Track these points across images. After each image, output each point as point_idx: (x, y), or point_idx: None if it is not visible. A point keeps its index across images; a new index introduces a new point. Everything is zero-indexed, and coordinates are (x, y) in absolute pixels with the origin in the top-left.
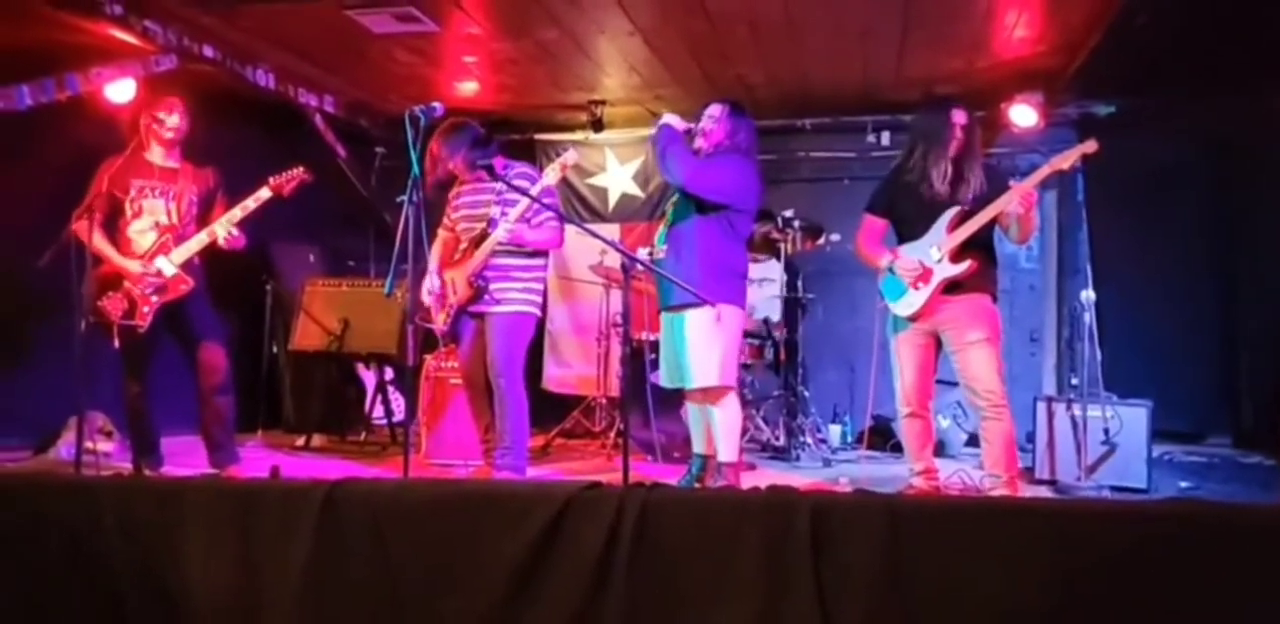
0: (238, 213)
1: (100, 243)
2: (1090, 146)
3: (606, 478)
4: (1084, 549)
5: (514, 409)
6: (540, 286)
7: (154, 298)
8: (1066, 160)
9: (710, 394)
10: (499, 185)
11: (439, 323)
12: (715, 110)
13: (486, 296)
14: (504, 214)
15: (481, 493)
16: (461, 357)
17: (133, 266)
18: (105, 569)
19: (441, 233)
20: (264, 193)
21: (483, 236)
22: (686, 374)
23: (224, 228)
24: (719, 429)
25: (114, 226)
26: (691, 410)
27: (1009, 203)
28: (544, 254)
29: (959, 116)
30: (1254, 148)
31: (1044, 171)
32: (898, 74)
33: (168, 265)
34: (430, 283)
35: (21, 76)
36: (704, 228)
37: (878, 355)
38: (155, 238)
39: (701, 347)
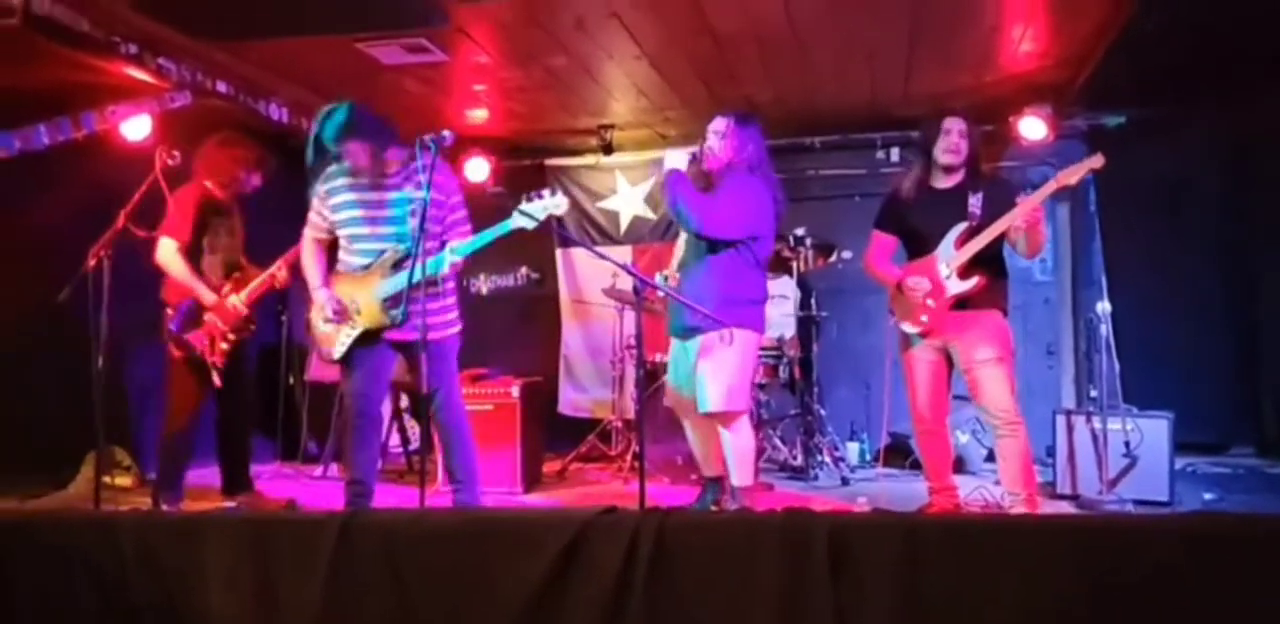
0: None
1: (190, 275)
2: (1097, 161)
3: (623, 502)
4: (1106, 566)
5: (466, 441)
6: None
7: (230, 336)
8: (1073, 176)
9: (722, 418)
10: (409, 187)
11: (334, 345)
12: (720, 124)
13: (412, 321)
14: (433, 225)
15: (497, 520)
16: (360, 385)
17: (228, 302)
18: (127, 604)
19: (310, 234)
20: None
21: (403, 258)
22: (702, 398)
23: (284, 271)
24: (732, 453)
25: (193, 261)
26: (693, 434)
27: (1015, 218)
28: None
29: (952, 123)
30: (1268, 154)
31: (1050, 187)
32: (905, 90)
33: (241, 304)
34: (321, 300)
35: (38, 117)
36: (718, 263)
37: (890, 372)
38: (224, 274)
39: (724, 371)
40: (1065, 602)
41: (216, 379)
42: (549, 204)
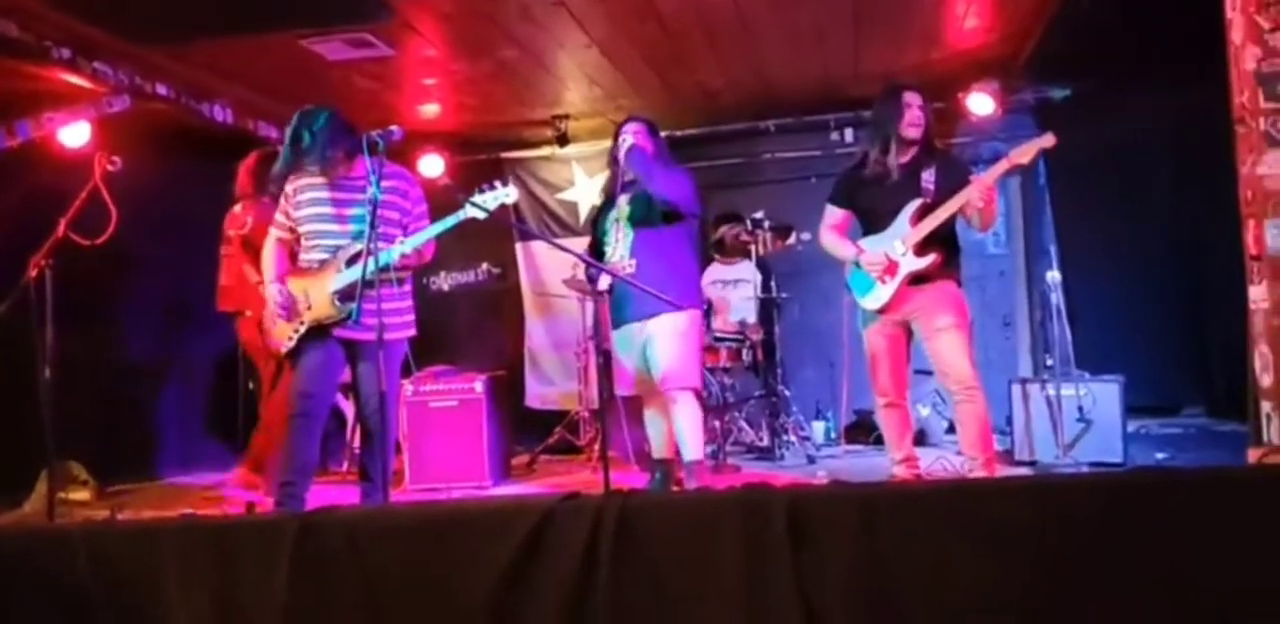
0: None
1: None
2: (1048, 141)
3: (591, 491)
4: (1058, 522)
5: (389, 443)
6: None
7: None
8: (1025, 155)
9: (684, 394)
10: (367, 187)
11: (283, 339)
12: (637, 127)
13: (364, 321)
14: (385, 225)
15: (459, 511)
16: (303, 383)
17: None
18: (87, 616)
19: (275, 233)
20: None
21: (359, 253)
22: (672, 375)
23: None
24: (688, 427)
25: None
26: (655, 418)
27: (970, 197)
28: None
29: (912, 97)
30: (1213, 120)
31: (1002, 166)
32: (856, 70)
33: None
34: (272, 294)
35: None
36: (675, 237)
37: (850, 349)
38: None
39: (682, 349)
40: (1023, 558)
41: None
42: (499, 194)
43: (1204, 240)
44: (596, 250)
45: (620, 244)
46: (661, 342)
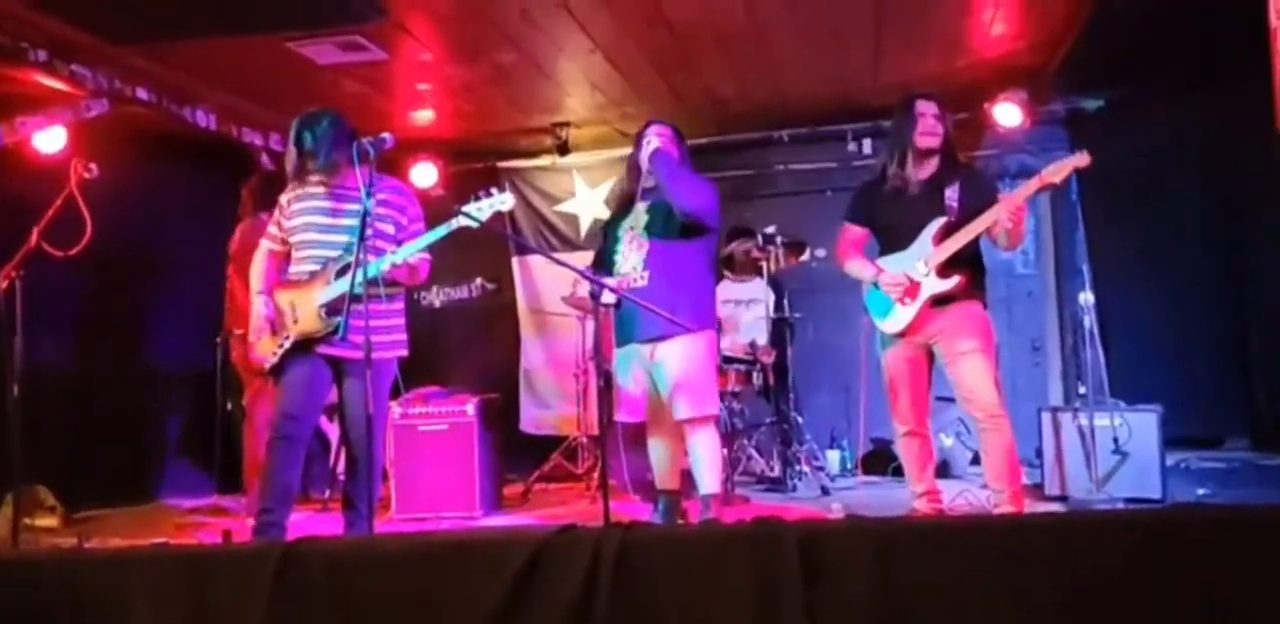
0: None
1: None
2: (1082, 160)
3: (590, 522)
4: (1089, 562)
5: (375, 471)
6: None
7: None
8: (1057, 174)
9: (702, 422)
10: (360, 196)
11: (267, 355)
12: (661, 129)
13: (351, 338)
14: (379, 239)
15: (449, 543)
16: (286, 403)
17: None
18: None
19: (266, 244)
20: None
21: (349, 265)
22: (684, 404)
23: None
24: (705, 459)
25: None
26: (660, 446)
27: (997, 217)
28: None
29: (924, 106)
30: (1250, 134)
31: (1033, 186)
32: (875, 79)
33: None
34: (258, 306)
35: None
36: (694, 252)
37: (868, 374)
38: None
39: (699, 375)
40: (1046, 598)
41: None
42: (495, 202)
43: (1247, 259)
44: (605, 260)
45: (634, 255)
46: (676, 367)
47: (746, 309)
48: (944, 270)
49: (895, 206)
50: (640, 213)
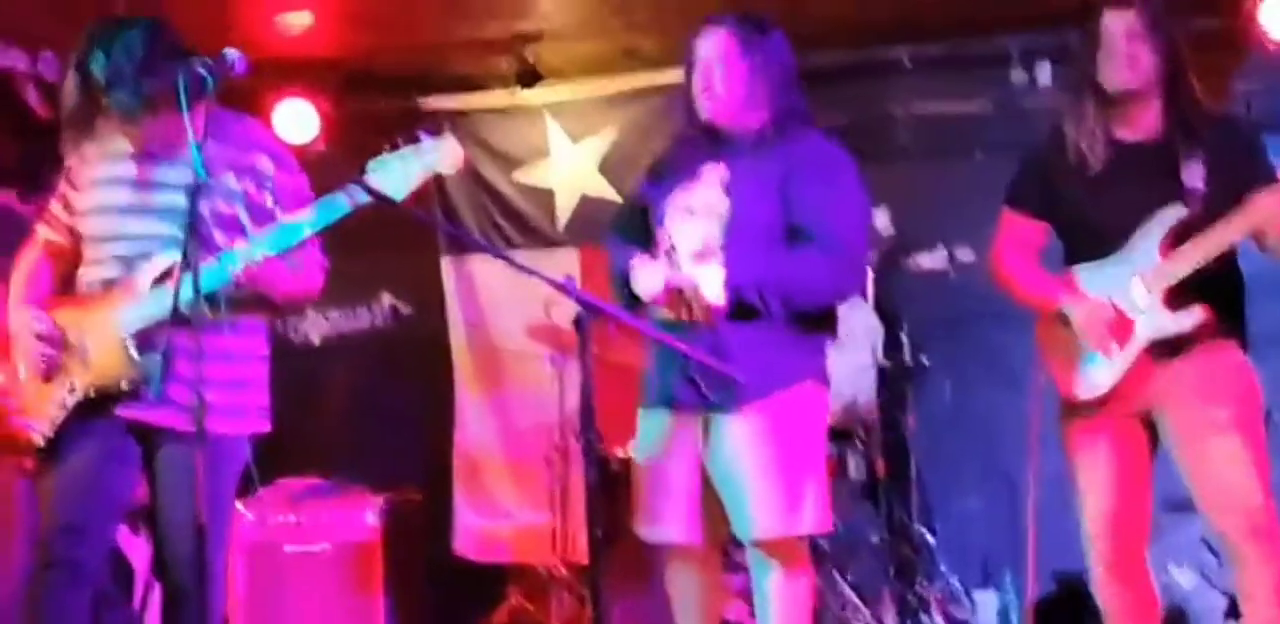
0: None
1: None
2: None
3: None
4: None
5: (215, 620)
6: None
7: None
8: None
9: (786, 550)
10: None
11: (39, 416)
12: (715, 47)
13: (172, 396)
14: (222, 226)
15: None
16: (64, 506)
17: None
18: None
19: (43, 234)
20: None
21: (170, 271)
22: (754, 515)
23: None
24: (783, 614)
25: None
26: (690, 578)
27: (1265, 213)
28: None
29: (1116, 18)
30: None
31: None
32: None
33: None
34: (23, 326)
35: None
36: (811, 259)
37: (1043, 462)
38: None
39: (795, 468)
40: None
41: None
42: (424, 151)
43: None
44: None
45: (696, 258)
46: (755, 452)
47: (839, 350)
48: (1177, 297)
49: (1090, 188)
50: (713, 183)
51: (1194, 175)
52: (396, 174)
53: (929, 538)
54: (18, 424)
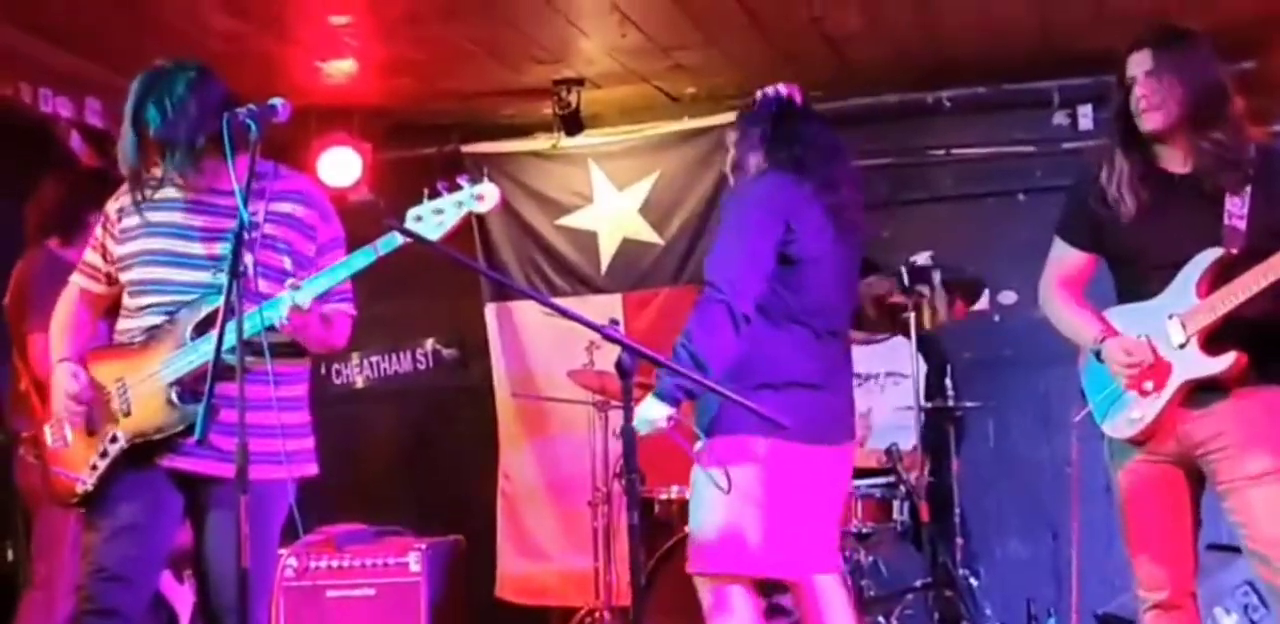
0: None
1: None
2: None
3: None
4: None
5: None
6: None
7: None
8: None
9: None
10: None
11: (78, 470)
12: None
13: (216, 444)
14: (269, 275)
15: None
16: (108, 554)
17: None
18: None
19: (78, 282)
20: None
21: (210, 319)
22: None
23: None
24: None
25: None
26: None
27: None
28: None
29: (1138, 61)
30: None
31: None
32: (1098, 5)
33: None
34: (63, 382)
35: None
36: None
37: (1087, 505)
38: None
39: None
40: None
41: None
42: (462, 199)
43: None
44: None
45: None
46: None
47: (878, 389)
48: (1215, 339)
49: (1131, 225)
50: None
51: (1237, 214)
52: (433, 217)
53: (973, 581)
54: (63, 476)
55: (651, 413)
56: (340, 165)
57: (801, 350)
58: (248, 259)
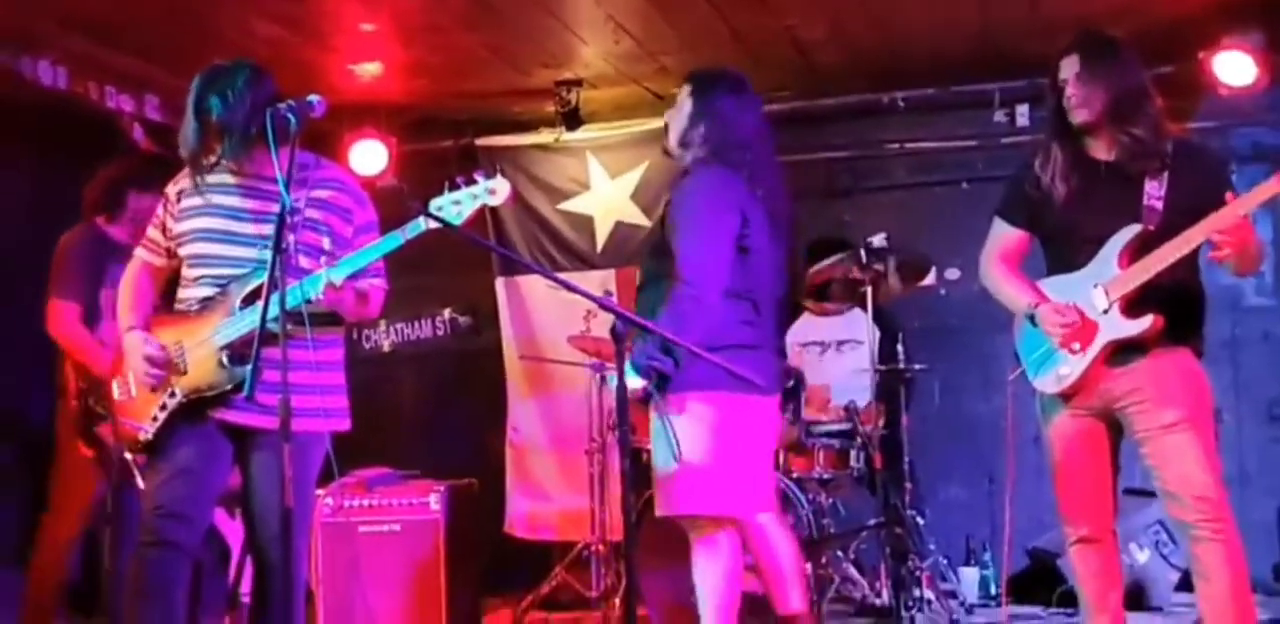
0: None
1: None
2: None
3: None
4: None
5: (298, 593)
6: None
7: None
8: None
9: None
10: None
11: (143, 421)
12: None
13: (262, 399)
14: (307, 247)
15: None
16: (167, 494)
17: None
18: None
19: (141, 256)
20: None
21: (256, 291)
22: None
23: None
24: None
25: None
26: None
27: (1214, 228)
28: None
29: (1066, 65)
30: None
31: (1269, 189)
32: (1032, 13)
33: None
34: (134, 346)
35: None
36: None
37: (1020, 453)
38: None
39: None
40: None
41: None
42: (477, 191)
43: None
44: None
45: None
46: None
47: (839, 354)
48: (1135, 304)
49: (1065, 205)
50: None
51: (1154, 195)
52: (453, 206)
53: (919, 520)
54: (128, 425)
55: (629, 382)
56: (369, 156)
57: (744, 320)
58: (289, 238)
